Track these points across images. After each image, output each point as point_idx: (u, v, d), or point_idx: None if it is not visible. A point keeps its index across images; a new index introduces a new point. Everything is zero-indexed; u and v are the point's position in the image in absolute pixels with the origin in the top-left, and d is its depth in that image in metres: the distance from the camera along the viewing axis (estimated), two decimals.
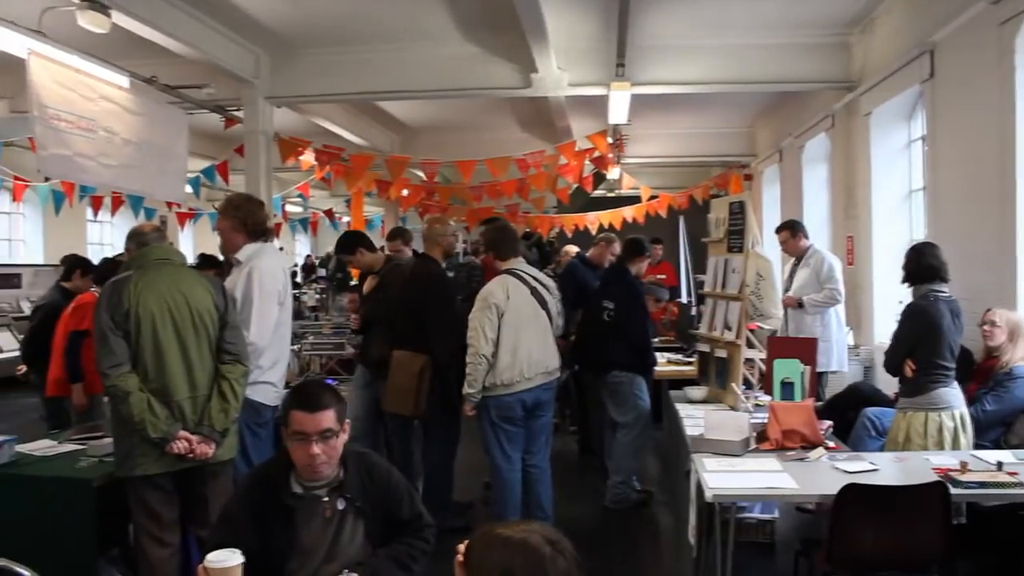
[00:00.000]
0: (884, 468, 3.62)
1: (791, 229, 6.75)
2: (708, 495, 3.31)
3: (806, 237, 6.72)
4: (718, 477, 3.48)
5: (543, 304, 5.00)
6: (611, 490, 5.90)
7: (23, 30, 5.66)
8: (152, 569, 3.56)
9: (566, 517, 5.26)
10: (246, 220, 4.31)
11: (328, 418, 2.55)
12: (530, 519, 4.88)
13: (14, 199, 10.75)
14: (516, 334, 4.85)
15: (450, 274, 6.35)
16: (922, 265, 4.21)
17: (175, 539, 3.65)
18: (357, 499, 2.64)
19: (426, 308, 5.20)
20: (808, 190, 9.96)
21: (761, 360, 5.10)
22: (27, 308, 12.08)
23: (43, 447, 4.14)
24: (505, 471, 5.02)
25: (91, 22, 5.72)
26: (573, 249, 8.35)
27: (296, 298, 10.55)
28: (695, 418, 4.47)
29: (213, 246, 4.62)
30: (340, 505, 2.62)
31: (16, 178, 10.03)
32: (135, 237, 3.84)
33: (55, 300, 6.55)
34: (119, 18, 5.96)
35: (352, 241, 5.96)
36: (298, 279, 17.87)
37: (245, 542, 2.31)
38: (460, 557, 1.69)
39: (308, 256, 24.29)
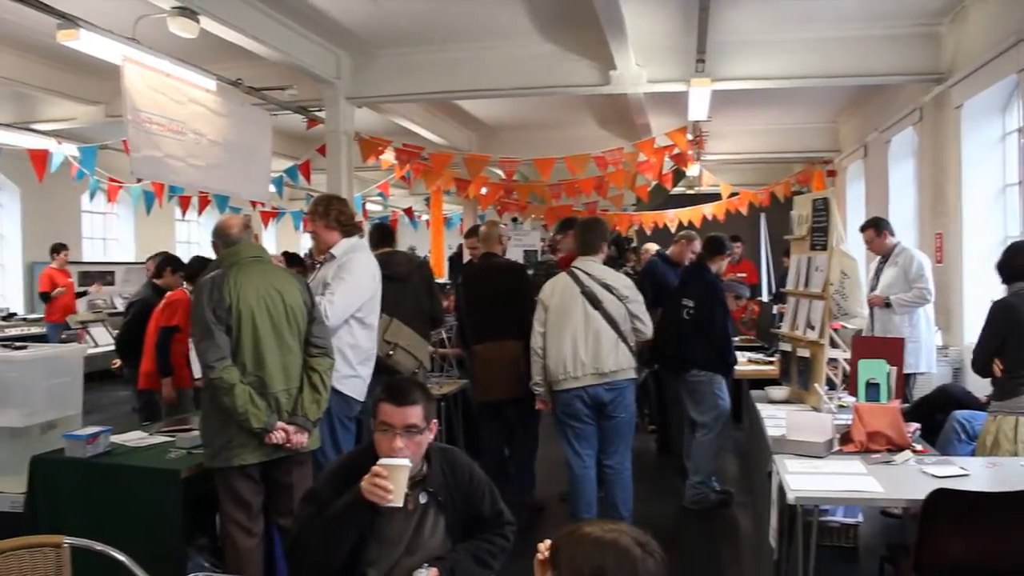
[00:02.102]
0: (976, 473, 3.50)
1: (876, 227, 6.58)
2: (790, 497, 3.24)
3: (892, 235, 6.55)
4: (800, 479, 3.41)
5: (596, 305, 4.98)
6: (690, 490, 5.85)
7: (119, 38, 5.87)
8: (239, 557, 3.67)
9: (644, 517, 5.23)
10: (339, 217, 4.52)
11: (415, 414, 2.59)
12: (607, 518, 4.90)
13: (109, 200, 11.14)
14: (559, 332, 4.98)
15: (529, 272, 6.47)
16: (1018, 264, 4.06)
17: (260, 528, 3.78)
18: (439, 494, 2.67)
19: (523, 298, 5.52)
20: (894, 186, 9.68)
21: (845, 360, 4.99)
22: (120, 304, 12.55)
23: (135, 438, 4.29)
24: (576, 467, 5.09)
25: (181, 28, 5.91)
26: (653, 247, 8.29)
27: None
28: (777, 418, 4.39)
29: (295, 244, 4.74)
30: (422, 499, 2.66)
31: (111, 179, 10.40)
32: (222, 234, 3.96)
33: (147, 297, 6.79)
34: (207, 23, 6.14)
35: None
36: None
37: None
38: (541, 556, 1.69)
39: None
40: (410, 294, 5.53)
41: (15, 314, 12.03)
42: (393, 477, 2.46)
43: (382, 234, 5.97)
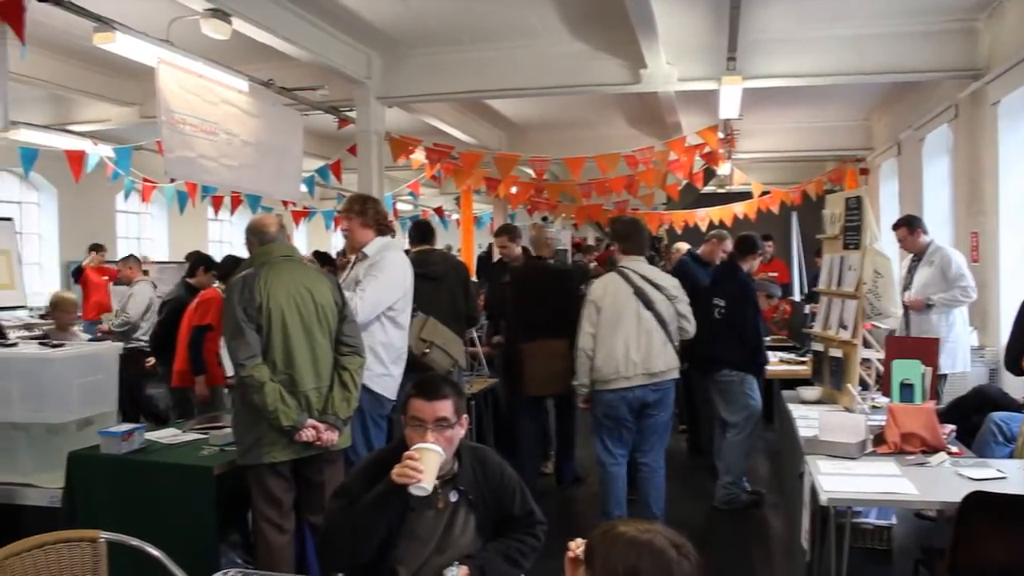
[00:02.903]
0: (1013, 476, 3.44)
1: (908, 225, 6.48)
2: (823, 498, 3.22)
3: (925, 233, 6.46)
4: (833, 480, 3.38)
5: (648, 305, 4.99)
6: (720, 490, 5.82)
7: (153, 40, 5.94)
8: (271, 554, 3.70)
9: (675, 517, 5.21)
10: (376, 216, 4.54)
11: (445, 407, 2.60)
12: (639, 517, 4.87)
13: (143, 200, 11.28)
14: (612, 332, 4.97)
15: None
16: None
17: (292, 525, 3.81)
18: (470, 492, 2.68)
19: (573, 299, 5.72)
20: (928, 184, 9.56)
21: (878, 360, 4.94)
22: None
23: (169, 435, 4.34)
24: (608, 465, 5.13)
25: (214, 29, 5.97)
26: (684, 246, 8.26)
27: None
28: (809, 419, 4.36)
29: (326, 243, 4.80)
30: (453, 497, 2.66)
31: (145, 180, 10.52)
32: (259, 233, 3.99)
33: (180, 295, 6.87)
34: (239, 25, 6.20)
35: None
36: None
37: None
38: (571, 554, 1.69)
39: None
40: (446, 293, 5.58)
41: None
42: (424, 460, 2.47)
43: (421, 232, 6.01)
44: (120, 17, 5.73)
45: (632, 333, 4.96)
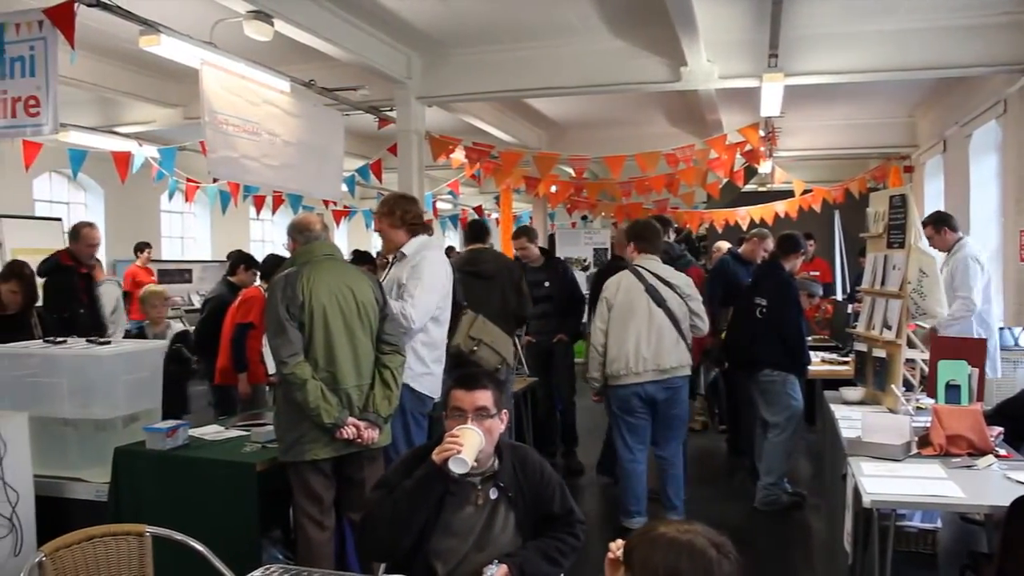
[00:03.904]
0: None
1: (934, 223, 6.25)
2: (866, 500, 3.17)
3: (954, 231, 6.24)
4: (877, 482, 3.33)
5: (659, 302, 5.13)
6: (761, 491, 5.78)
7: (197, 42, 6.02)
8: (311, 550, 3.74)
9: (715, 517, 5.17)
10: (403, 216, 4.53)
11: (485, 397, 2.64)
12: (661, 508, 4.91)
13: (186, 199, 11.44)
14: (623, 329, 5.14)
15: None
16: None
17: (332, 522, 3.84)
18: (510, 489, 2.69)
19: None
20: (976, 182, 9.38)
21: (923, 361, 4.86)
22: (197, 301, 12.88)
23: (212, 432, 4.40)
24: (626, 461, 5.34)
25: (256, 31, 6.04)
26: (725, 245, 8.20)
27: None
28: (851, 420, 4.30)
29: (367, 242, 4.83)
30: (492, 494, 2.67)
31: (188, 180, 10.68)
32: (304, 231, 4.03)
33: (222, 294, 6.96)
34: (281, 26, 6.26)
35: None
36: None
37: None
38: (611, 555, 1.69)
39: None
40: (496, 292, 5.65)
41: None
42: (464, 437, 2.52)
43: (475, 231, 6.14)
44: (165, 20, 5.82)
45: (643, 329, 5.12)
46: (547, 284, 6.84)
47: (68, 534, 2.76)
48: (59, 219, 11.88)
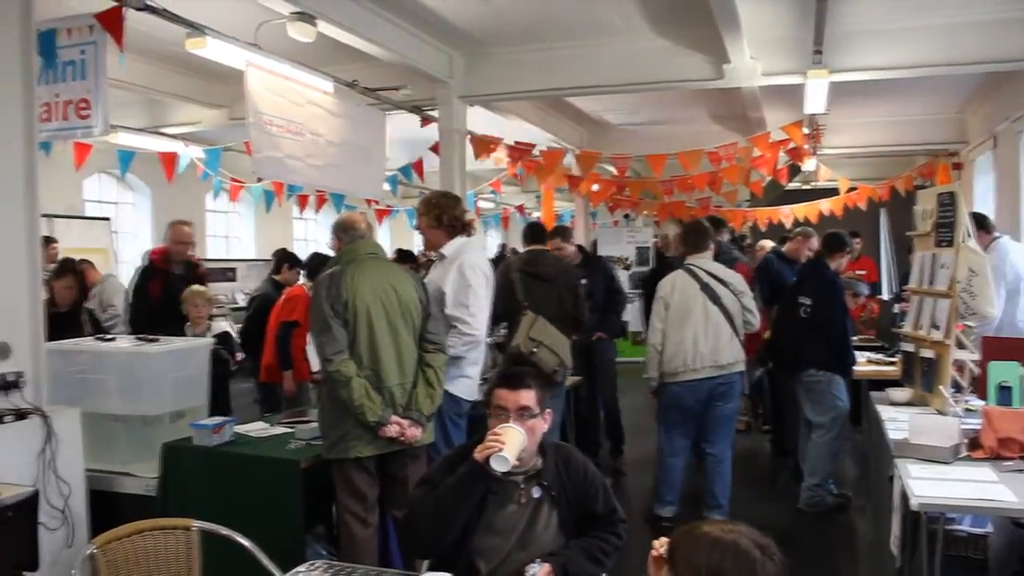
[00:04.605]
0: None
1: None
2: (914, 503, 3.12)
3: (988, 231, 6.10)
4: (925, 485, 3.27)
5: (715, 300, 5.23)
6: (805, 492, 5.72)
7: (242, 44, 6.11)
8: (354, 546, 3.77)
9: (758, 518, 5.09)
10: (442, 216, 4.53)
11: (528, 396, 2.64)
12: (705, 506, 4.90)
13: (231, 199, 11.60)
14: (680, 327, 5.25)
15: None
16: None
17: (375, 519, 3.87)
18: (553, 488, 2.69)
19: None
20: None
21: (973, 361, 4.77)
22: (241, 299, 13.04)
23: (257, 429, 4.46)
24: (666, 453, 5.47)
25: (299, 32, 6.10)
26: (769, 244, 8.13)
27: None
28: (898, 421, 4.23)
29: (409, 241, 4.85)
30: (536, 493, 2.68)
31: (233, 179, 10.82)
32: (349, 230, 4.07)
33: (267, 292, 7.04)
34: (324, 27, 6.31)
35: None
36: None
37: None
38: (655, 552, 1.69)
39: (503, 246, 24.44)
40: (555, 294, 5.67)
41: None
42: (506, 435, 2.52)
43: (534, 233, 6.22)
44: (210, 23, 5.90)
45: (700, 327, 5.21)
46: (584, 282, 6.85)
47: (118, 527, 2.81)
48: (107, 218, 12.10)
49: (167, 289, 6.08)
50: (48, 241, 7.78)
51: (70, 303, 5.74)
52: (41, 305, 3.94)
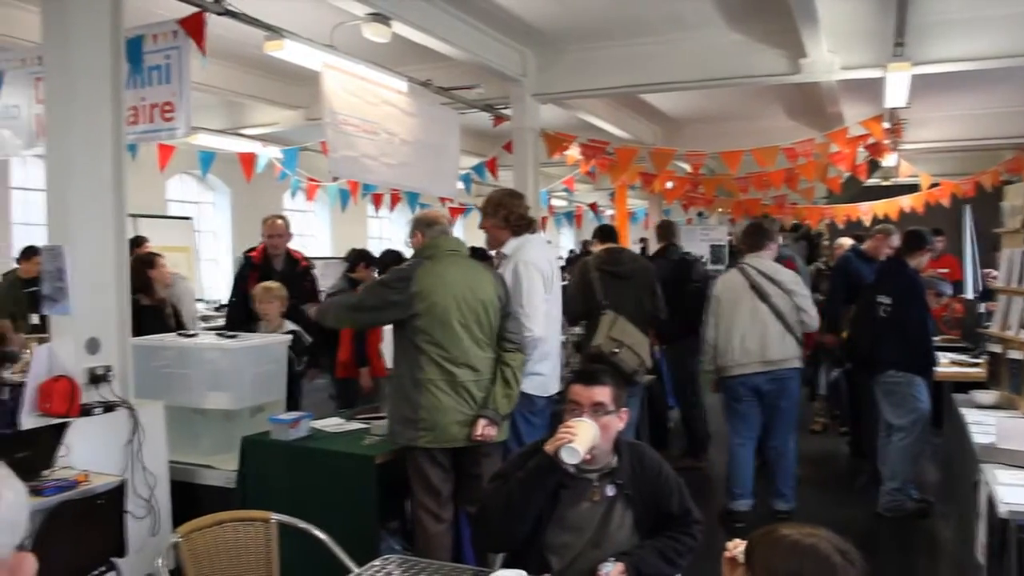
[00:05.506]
0: None
1: None
2: (1002, 510, 3.02)
3: None
4: (1014, 491, 3.17)
5: (763, 298, 5.37)
6: (884, 496, 5.58)
7: (318, 46, 6.22)
8: (429, 542, 3.80)
9: (836, 521, 4.99)
10: (508, 216, 4.52)
11: (603, 393, 2.64)
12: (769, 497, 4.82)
13: (308, 198, 11.79)
14: (728, 323, 5.45)
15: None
16: None
17: (449, 515, 3.90)
18: (627, 487, 2.68)
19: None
20: None
21: None
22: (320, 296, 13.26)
23: (333, 424, 4.51)
24: (734, 445, 5.62)
25: (374, 33, 6.19)
26: (847, 241, 7.95)
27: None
28: (984, 424, 4.11)
29: (482, 239, 4.88)
30: (610, 492, 2.67)
31: (310, 179, 11.01)
32: (433, 225, 4.08)
33: (343, 289, 7.13)
34: (398, 27, 6.38)
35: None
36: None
37: None
38: (729, 554, 1.67)
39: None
40: (633, 293, 5.68)
41: (227, 305, 12.94)
42: (578, 428, 2.53)
43: (604, 233, 6.36)
44: (287, 26, 6.02)
45: (747, 323, 5.38)
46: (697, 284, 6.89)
47: (200, 518, 2.90)
48: (190, 218, 12.44)
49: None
50: (140, 241, 8.03)
51: (156, 297, 5.92)
52: (128, 302, 4.08)
